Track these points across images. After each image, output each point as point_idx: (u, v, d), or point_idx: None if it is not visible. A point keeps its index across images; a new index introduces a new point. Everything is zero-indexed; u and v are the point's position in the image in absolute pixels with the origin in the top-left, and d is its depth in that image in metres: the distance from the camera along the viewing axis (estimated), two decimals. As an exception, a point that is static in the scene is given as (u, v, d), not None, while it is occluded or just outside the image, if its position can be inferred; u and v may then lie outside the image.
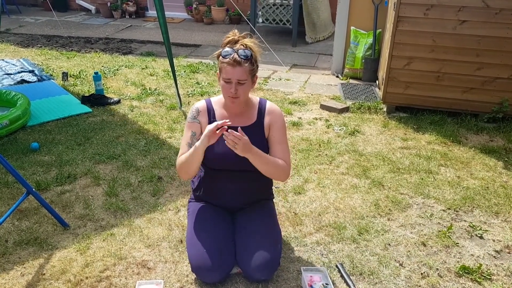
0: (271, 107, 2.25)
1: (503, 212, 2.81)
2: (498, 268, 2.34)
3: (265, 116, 2.21)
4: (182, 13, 9.25)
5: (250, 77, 2.07)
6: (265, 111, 2.22)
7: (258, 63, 2.11)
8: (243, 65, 2.01)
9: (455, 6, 3.82)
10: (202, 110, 2.23)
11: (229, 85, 2.04)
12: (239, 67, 2.00)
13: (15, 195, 2.93)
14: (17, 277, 2.24)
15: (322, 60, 6.37)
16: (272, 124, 2.20)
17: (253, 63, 2.06)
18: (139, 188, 3.06)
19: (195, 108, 2.24)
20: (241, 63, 2.00)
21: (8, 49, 6.79)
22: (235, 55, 2.01)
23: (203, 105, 2.25)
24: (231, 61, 2.00)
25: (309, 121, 4.19)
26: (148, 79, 5.38)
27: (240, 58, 2.00)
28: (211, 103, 2.25)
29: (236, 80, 2.02)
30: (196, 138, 2.17)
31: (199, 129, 2.20)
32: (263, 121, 2.21)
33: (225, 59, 2.02)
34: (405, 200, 2.94)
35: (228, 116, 2.19)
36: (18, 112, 3.85)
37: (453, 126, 4.06)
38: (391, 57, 4.15)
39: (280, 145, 2.21)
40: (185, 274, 2.26)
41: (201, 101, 2.28)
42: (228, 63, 2.01)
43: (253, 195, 2.34)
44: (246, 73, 2.03)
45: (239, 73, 2.01)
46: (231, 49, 2.03)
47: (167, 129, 3.97)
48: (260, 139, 2.20)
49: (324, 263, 2.35)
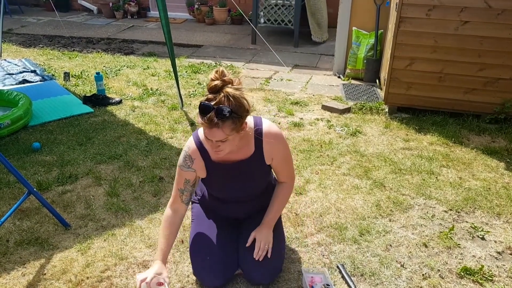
0: (269, 132, 2.01)
1: (505, 213, 2.80)
2: (499, 269, 2.33)
3: (264, 144, 2.02)
4: (184, 13, 9.26)
5: (235, 132, 1.80)
6: (263, 139, 2.01)
7: (247, 110, 1.81)
8: (222, 127, 1.73)
9: (457, 6, 3.81)
10: (195, 157, 2.02)
11: (210, 141, 1.83)
12: (217, 129, 1.74)
13: (16, 195, 2.93)
14: (18, 277, 2.24)
15: (324, 61, 6.36)
16: (275, 154, 2.06)
17: (236, 120, 1.76)
18: (140, 188, 3.06)
19: (188, 156, 2.02)
20: (218, 125, 1.72)
21: (10, 49, 6.81)
22: (212, 115, 1.70)
23: (194, 149, 2.02)
24: (207, 123, 1.73)
25: (311, 122, 4.19)
26: (150, 80, 5.38)
27: (218, 120, 1.71)
28: (201, 144, 2.02)
29: (215, 140, 1.81)
30: (191, 185, 2.08)
31: (193, 176, 2.06)
32: (263, 150, 2.04)
33: (201, 119, 1.74)
34: (406, 201, 2.93)
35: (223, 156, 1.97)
36: (19, 112, 3.85)
37: (455, 127, 4.05)
38: (393, 57, 4.15)
39: (286, 168, 2.18)
40: (186, 274, 2.26)
41: (190, 142, 2.04)
42: (204, 124, 1.75)
43: (258, 206, 2.31)
44: (226, 133, 1.76)
45: (217, 135, 1.76)
46: (209, 106, 1.71)
47: (169, 130, 3.97)
48: (261, 168, 2.11)
49: (325, 264, 2.35)
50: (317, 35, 7.19)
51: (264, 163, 2.09)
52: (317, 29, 7.13)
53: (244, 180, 2.13)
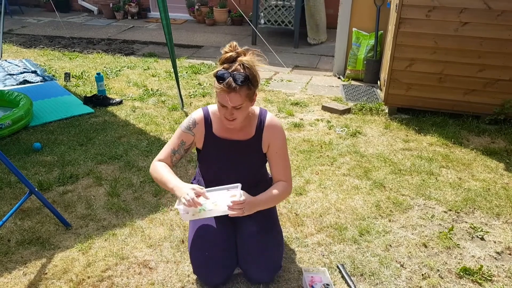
0: (271, 122, 2.14)
1: (504, 214, 2.81)
2: (499, 270, 2.34)
3: (264, 131, 2.12)
4: (184, 14, 9.28)
5: (248, 100, 1.94)
6: (264, 126, 2.12)
7: (258, 82, 1.96)
8: (239, 91, 1.86)
9: (457, 8, 3.83)
10: (199, 122, 2.12)
11: (224, 109, 1.94)
12: (234, 93, 1.86)
13: (18, 195, 2.94)
14: (19, 277, 2.25)
15: (324, 62, 6.38)
16: (272, 141, 2.13)
17: (251, 86, 1.90)
18: (141, 188, 3.07)
19: (192, 119, 2.13)
20: (236, 89, 1.85)
21: (10, 50, 6.82)
22: (230, 80, 1.84)
23: (200, 116, 2.13)
24: (226, 87, 1.85)
25: (311, 122, 4.20)
26: (150, 80, 5.39)
27: (236, 84, 1.84)
28: (209, 114, 2.14)
29: (231, 106, 1.91)
30: (185, 148, 2.12)
31: (191, 140, 2.13)
32: (262, 137, 2.13)
33: (220, 84, 1.86)
34: (406, 201, 2.94)
35: (225, 129, 2.11)
36: (20, 113, 3.86)
37: (454, 127, 4.06)
38: (393, 58, 4.16)
39: (281, 162, 2.17)
40: (187, 274, 2.27)
41: (199, 110, 2.16)
42: (223, 89, 1.86)
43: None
44: (242, 98, 1.89)
45: (234, 99, 1.88)
46: (227, 72, 1.86)
47: (169, 130, 3.98)
48: (256, 154, 2.16)
49: (325, 264, 2.36)
50: (313, 37, 7.20)
51: (260, 149, 2.15)
52: (314, 30, 7.15)
53: (237, 163, 2.15)
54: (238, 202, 1.90)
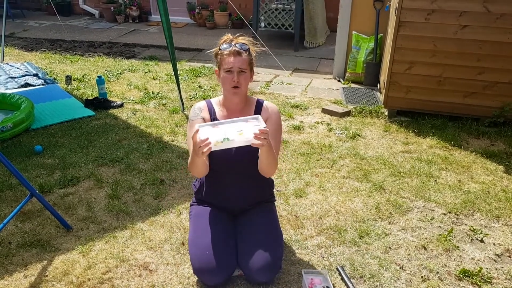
0: (268, 104, 2.33)
1: (503, 216, 2.82)
2: (498, 272, 2.35)
3: (262, 112, 2.27)
4: (185, 17, 9.30)
5: (249, 69, 2.18)
6: (262, 106, 2.31)
7: (254, 60, 2.23)
8: (243, 55, 2.14)
9: (456, 11, 3.84)
10: (203, 108, 2.30)
11: (230, 75, 2.13)
12: (239, 57, 2.13)
13: (19, 197, 2.95)
14: (20, 279, 2.26)
15: (324, 65, 6.39)
16: (268, 118, 2.26)
17: (251, 56, 2.19)
18: (141, 191, 3.08)
19: (197, 107, 2.31)
20: (241, 53, 2.14)
21: (12, 53, 6.85)
22: (235, 47, 2.14)
23: (203, 103, 2.32)
24: (231, 51, 2.13)
25: (311, 125, 4.21)
26: (151, 83, 5.41)
27: (240, 49, 2.15)
28: (211, 103, 2.32)
29: (237, 68, 2.12)
30: None
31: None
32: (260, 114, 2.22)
33: (226, 51, 2.14)
34: (406, 203, 2.95)
35: (227, 114, 2.25)
36: (22, 115, 3.88)
37: (454, 130, 4.06)
38: (392, 61, 4.17)
39: (273, 139, 2.20)
40: (187, 276, 2.27)
41: (200, 101, 2.36)
42: (229, 54, 2.13)
43: (254, 196, 2.36)
44: (246, 63, 2.15)
45: (240, 61, 2.13)
46: (230, 44, 2.16)
47: (170, 133, 3.99)
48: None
49: (325, 266, 2.36)
50: (310, 40, 7.22)
51: None
52: (312, 34, 7.16)
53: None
54: (264, 130, 1.94)
